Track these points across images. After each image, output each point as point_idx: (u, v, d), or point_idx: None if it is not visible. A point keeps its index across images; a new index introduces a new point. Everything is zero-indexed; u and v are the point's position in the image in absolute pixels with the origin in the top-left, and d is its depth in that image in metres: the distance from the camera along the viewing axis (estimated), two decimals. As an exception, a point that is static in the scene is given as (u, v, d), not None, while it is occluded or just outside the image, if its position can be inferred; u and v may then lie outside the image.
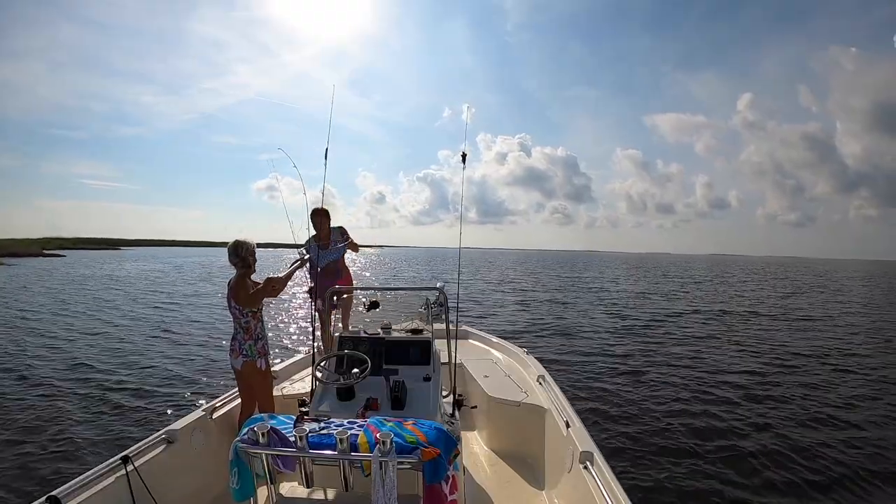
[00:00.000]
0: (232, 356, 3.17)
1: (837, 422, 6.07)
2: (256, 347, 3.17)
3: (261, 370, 3.19)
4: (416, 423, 2.01)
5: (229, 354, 3.20)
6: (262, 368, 3.20)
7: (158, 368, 8.16)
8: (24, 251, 63.40)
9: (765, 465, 4.82)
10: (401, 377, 2.81)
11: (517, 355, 4.69)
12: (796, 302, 21.20)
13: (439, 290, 3.23)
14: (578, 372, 8.22)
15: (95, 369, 8.04)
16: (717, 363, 9.10)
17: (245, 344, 3.15)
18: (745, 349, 10.50)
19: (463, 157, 3.54)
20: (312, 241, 4.49)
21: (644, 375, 8.06)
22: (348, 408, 2.65)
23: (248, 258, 3.19)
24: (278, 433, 1.95)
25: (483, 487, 3.12)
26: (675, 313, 16.32)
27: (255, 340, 3.17)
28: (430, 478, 1.82)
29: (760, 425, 5.87)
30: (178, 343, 10.32)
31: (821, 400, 6.92)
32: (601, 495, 2.18)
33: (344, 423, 2.03)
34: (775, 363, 9.20)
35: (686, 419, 6.02)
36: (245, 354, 3.14)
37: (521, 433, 3.48)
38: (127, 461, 2.33)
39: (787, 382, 7.82)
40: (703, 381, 7.83)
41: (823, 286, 32.98)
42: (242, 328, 3.16)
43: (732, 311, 17.32)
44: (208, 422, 3.04)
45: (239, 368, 3.16)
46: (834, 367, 8.97)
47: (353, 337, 3.17)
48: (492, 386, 3.85)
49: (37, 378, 7.48)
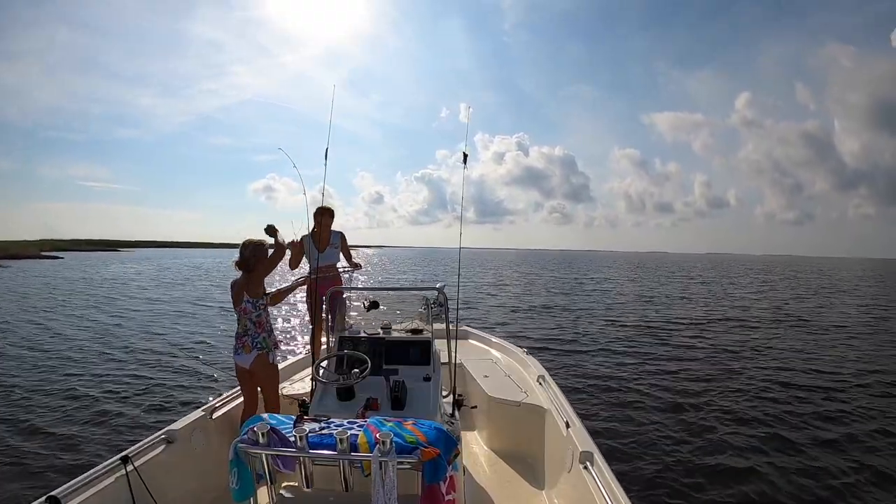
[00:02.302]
0: (242, 353, 3.15)
1: (843, 426, 6.06)
2: (270, 340, 3.19)
3: (272, 364, 3.21)
4: (415, 424, 2.00)
5: (236, 353, 3.17)
6: (272, 362, 3.22)
7: (158, 368, 8.15)
8: (22, 253, 63.00)
9: (765, 465, 4.82)
10: (401, 377, 2.81)
11: (517, 355, 4.69)
12: (801, 301, 21.23)
13: (439, 290, 3.23)
14: (578, 372, 8.23)
15: (95, 369, 8.03)
16: (717, 363, 9.11)
17: (259, 337, 3.15)
18: (746, 349, 10.52)
19: (464, 158, 3.55)
20: (310, 237, 4.40)
21: (645, 375, 8.06)
22: (348, 408, 2.64)
23: (251, 259, 3.13)
24: (278, 433, 1.94)
25: (483, 487, 3.12)
26: (676, 313, 16.33)
27: (268, 333, 3.18)
28: (430, 478, 1.82)
29: (761, 426, 5.88)
30: (179, 343, 10.31)
31: (827, 403, 6.91)
32: (601, 495, 2.18)
33: (344, 424, 2.03)
34: (776, 363, 9.21)
35: (686, 419, 6.03)
36: (259, 347, 3.14)
37: (521, 433, 3.48)
38: (127, 461, 2.33)
39: (789, 383, 7.83)
40: (703, 381, 7.83)
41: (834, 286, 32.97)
42: (254, 322, 3.15)
43: (733, 311, 17.34)
44: (208, 422, 3.04)
45: (248, 366, 3.14)
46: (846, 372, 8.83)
47: (352, 337, 3.18)
48: (492, 386, 3.85)
49: (36, 378, 7.48)
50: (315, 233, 4.46)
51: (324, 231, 4.50)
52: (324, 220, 4.47)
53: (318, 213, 4.44)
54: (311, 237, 4.43)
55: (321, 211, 4.44)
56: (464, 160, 3.57)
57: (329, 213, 4.46)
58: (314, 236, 4.46)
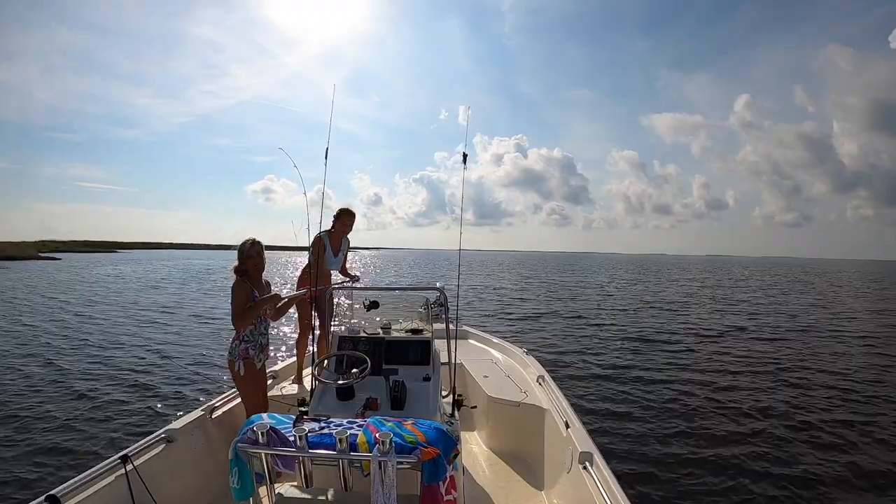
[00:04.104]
0: (262, 357, 3.12)
1: (841, 426, 6.07)
2: (268, 337, 3.19)
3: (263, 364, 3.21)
4: (415, 423, 2.01)
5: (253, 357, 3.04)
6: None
7: (158, 368, 8.14)
8: (20, 254, 62.31)
9: (765, 465, 4.83)
10: (400, 377, 2.81)
11: (517, 355, 4.70)
12: (801, 303, 21.25)
13: (439, 290, 3.23)
14: (578, 372, 8.23)
15: (95, 369, 8.02)
16: (718, 364, 9.12)
17: (265, 337, 3.15)
18: (746, 350, 10.52)
19: (464, 158, 3.54)
20: (326, 237, 4.21)
21: (645, 376, 8.07)
22: (348, 408, 2.64)
23: (246, 261, 3.03)
24: (278, 433, 1.94)
25: (482, 487, 3.12)
26: (676, 315, 16.34)
27: (266, 333, 3.18)
28: (429, 478, 1.82)
29: (761, 426, 5.88)
30: (179, 343, 10.30)
31: (828, 404, 6.92)
32: (600, 496, 2.18)
33: (343, 423, 2.03)
34: (777, 364, 9.22)
35: (687, 419, 6.03)
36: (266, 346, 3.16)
37: (521, 433, 3.48)
38: (126, 460, 2.32)
39: (790, 384, 7.83)
40: (704, 381, 7.84)
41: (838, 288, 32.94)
42: (264, 323, 3.13)
43: (732, 312, 17.35)
44: (208, 421, 3.03)
45: (259, 367, 3.12)
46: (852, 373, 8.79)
47: (352, 337, 3.17)
48: (491, 386, 3.85)
49: (36, 378, 7.46)
50: (333, 235, 4.29)
51: (342, 235, 4.33)
52: (347, 225, 4.27)
53: (345, 215, 4.24)
54: (328, 239, 4.24)
55: (347, 212, 4.26)
56: (463, 160, 3.57)
57: (353, 217, 4.28)
58: (332, 239, 4.27)
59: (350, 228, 4.34)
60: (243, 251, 3.03)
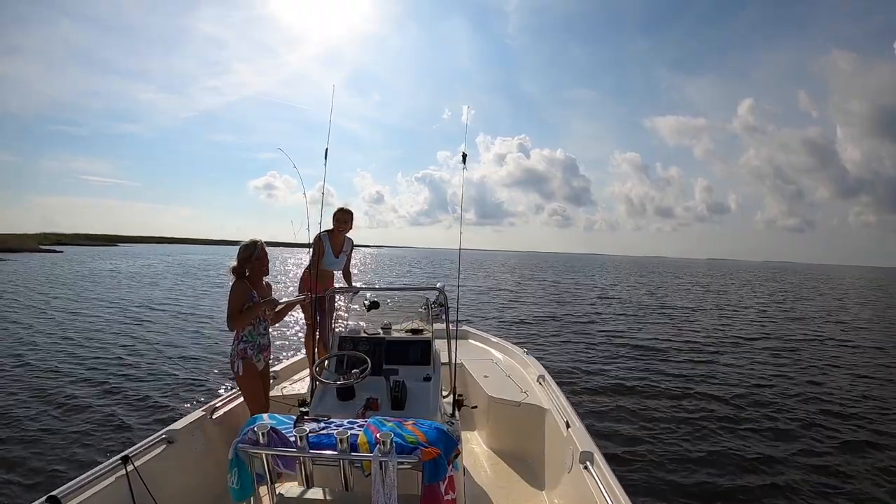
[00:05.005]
0: (261, 357, 3.12)
1: (839, 425, 6.07)
2: (268, 338, 3.19)
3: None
4: (416, 423, 2.01)
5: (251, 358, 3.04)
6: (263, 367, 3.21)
7: (158, 368, 8.14)
8: (21, 246, 61.52)
9: (765, 465, 4.83)
10: (401, 377, 2.80)
11: (517, 355, 4.69)
12: (801, 303, 21.23)
13: (439, 290, 3.23)
14: (578, 372, 8.22)
15: (95, 369, 8.02)
16: (718, 364, 9.12)
17: (264, 338, 3.15)
18: (746, 350, 10.52)
19: (463, 158, 3.54)
20: (326, 237, 4.17)
21: (646, 377, 8.07)
22: (348, 408, 2.64)
23: (254, 262, 3.02)
24: (278, 433, 1.94)
25: (483, 487, 3.12)
26: (677, 314, 16.33)
27: (266, 334, 3.17)
28: (430, 478, 1.82)
29: (762, 426, 5.88)
30: (179, 343, 10.30)
31: (826, 400, 6.92)
32: (601, 495, 2.18)
33: (344, 423, 2.03)
34: (777, 364, 9.21)
35: (687, 420, 6.03)
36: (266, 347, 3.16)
37: (521, 433, 3.48)
38: (127, 461, 2.32)
39: (791, 385, 7.83)
40: (704, 381, 7.84)
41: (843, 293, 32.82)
42: (264, 324, 3.13)
43: (733, 312, 17.33)
44: (208, 422, 3.03)
45: (261, 368, 3.13)
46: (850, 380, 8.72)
47: (352, 337, 3.17)
48: (492, 386, 3.85)
49: (35, 378, 7.46)
50: (334, 235, 4.24)
51: (342, 235, 4.29)
52: (342, 223, 4.21)
53: (339, 212, 4.19)
54: (329, 239, 4.20)
55: (342, 211, 4.20)
56: (463, 160, 3.57)
57: (352, 217, 4.22)
58: (332, 238, 4.23)
59: (347, 227, 4.27)
60: (253, 254, 3.02)
